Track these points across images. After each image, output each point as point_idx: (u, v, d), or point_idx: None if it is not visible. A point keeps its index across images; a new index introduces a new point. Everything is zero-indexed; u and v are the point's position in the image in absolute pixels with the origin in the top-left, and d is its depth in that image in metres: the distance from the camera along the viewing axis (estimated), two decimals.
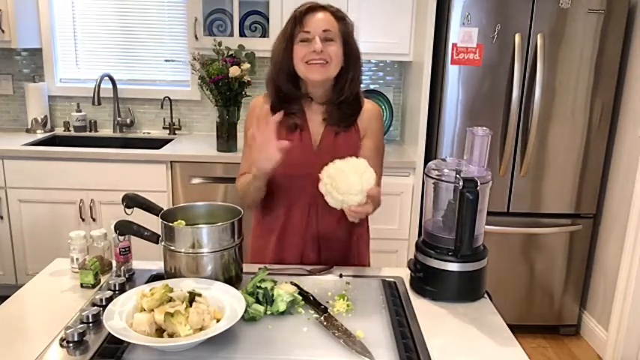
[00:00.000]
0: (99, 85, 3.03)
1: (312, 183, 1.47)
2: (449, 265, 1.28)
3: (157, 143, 3.02)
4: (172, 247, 1.22)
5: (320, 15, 1.45)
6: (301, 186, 1.49)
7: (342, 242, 1.58)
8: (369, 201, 1.27)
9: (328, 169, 1.28)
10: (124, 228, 1.27)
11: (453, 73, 2.58)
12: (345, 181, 1.23)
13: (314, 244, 1.55)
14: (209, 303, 1.10)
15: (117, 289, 1.27)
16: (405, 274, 1.42)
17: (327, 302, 1.23)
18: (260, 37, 3.12)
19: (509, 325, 1.21)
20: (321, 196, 1.48)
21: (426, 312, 1.25)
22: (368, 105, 1.57)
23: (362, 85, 1.60)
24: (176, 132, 3.33)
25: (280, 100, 1.51)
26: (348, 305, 1.23)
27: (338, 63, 1.46)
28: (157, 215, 1.28)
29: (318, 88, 1.50)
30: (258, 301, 1.18)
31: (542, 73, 2.53)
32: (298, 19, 1.44)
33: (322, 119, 1.53)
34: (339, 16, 1.48)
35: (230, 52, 2.88)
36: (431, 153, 2.77)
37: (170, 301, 1.08)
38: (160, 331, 1.04)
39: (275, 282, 1.24)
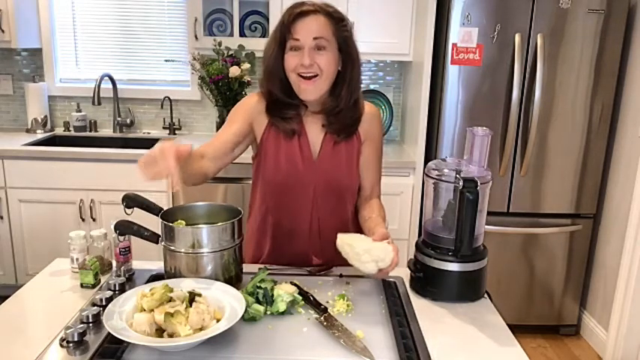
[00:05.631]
0: (99, 85, 3.03)
1: (313, 192, 1.45)
2: (449, 265, 1.28)
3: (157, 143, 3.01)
4: (172, 247, 1.22)
5: (311, 20, 1.33)
6: (302, 194, 1.46)
7: None
8: (383, 273, 1.25)
9: (351, 243, 1.26)
10: (124, 228, 1.27)
11: (453, 73, 2.58)
12: (358, 262, 1.23)
13: (317, 250, 1.51)
14: (209, 303, 1.10)
15: (117, 289, 1.27)
16: (405, 274, 1.42)
17: (327, 302, 1.23)
18: (260, 37, 3.12)
19: (509, 325, 1.21)
20: (322, 202, 1.47)
21: (426, 312, 1.25)
22: (366, 108, 1.50)
23: (361, 86, 1.55)
24: (176, 132, 3.32)
25: (274, 103, 1.44)
26: (348, 305, 1.22)
27: (329, 75, 1.37)
28: (157, 215, 1.28)
29: (312, 100, 1.42)
30: (258, 301, 1.18)
31: (542, 73, 2.53)
32: (287, 24, 1.33)
33: (321, 125, 1.46)
34: (336, 18, 1.36)
35: (230, 52, 2.88)
36: (431, 153, 2.77)
37: (170, 301, 1.08)
38: (160, 331, 1.04)
39: (275, 282, 1.24)
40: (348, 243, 1.26)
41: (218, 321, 1.06)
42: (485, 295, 1.34)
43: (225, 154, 1.41)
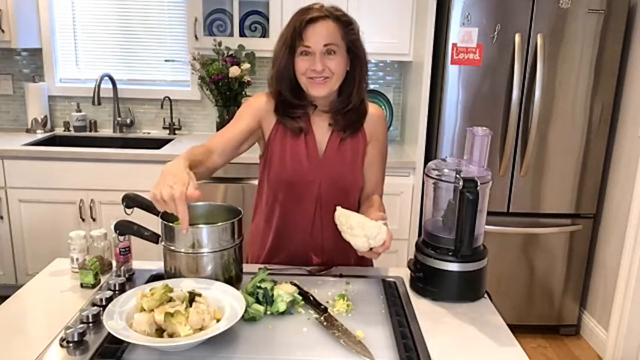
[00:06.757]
0: (99, 85, 3.03)
1: (318, 190, 1.47)
2: (449, 265, 1.28)
3: (157, 143, 3.02)
4: (172, 247, 1.22)
5: (321, 26, 1.37)
6: (306, 193, 1.47)
7: (346, 245, 1.56)
8: (373, 252, 1.25)
9: (348, 215, 1.27)
10: (124, 228, 1.27)
11: (453, 73, 2.58)
12: (350, 235, 1.24)
13: (318, 249, 1.52)
14: (209, 303, 1.10)
15: (117, 289, 1.27)
16: (405, 274, 1.42)
17: (327, 302, 1.23)
18: (260, 37, 3.13)
19: (509, 325, 1.21)
20: (327, 199, 1.48)
21: (426, 312, 1.25)
22: (372, 109, 1.54)
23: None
24: (176, 132, 3.32)
25: (283, 103, 1.47)
26: (348, 305, 1.22)
27: (340, 76, 1.42)
28: (157, 215, 1.28)
29: (322, 99, 1.46)
30: (258, 301, 1.18)
31: (542, 73, 2.53)
32: (298, 31, 1.36)
33: (328, 124, 1.49)
34: (344, 22, 1.41)
35: (230, 52, 2.88)
36: (431, 153, 2.77)
37: (170, 301, 1.08)
38: (160, 331, 1.04)
39: (275, 282, 1.24)
40: (344, 214, 1.28)
41: (218, 321, 1.06)
42: (485, 295, 1.34)
43: (232, 151, 1.44)
